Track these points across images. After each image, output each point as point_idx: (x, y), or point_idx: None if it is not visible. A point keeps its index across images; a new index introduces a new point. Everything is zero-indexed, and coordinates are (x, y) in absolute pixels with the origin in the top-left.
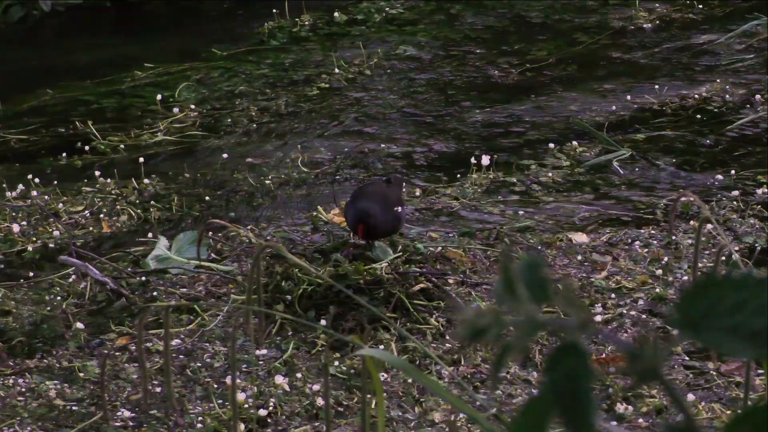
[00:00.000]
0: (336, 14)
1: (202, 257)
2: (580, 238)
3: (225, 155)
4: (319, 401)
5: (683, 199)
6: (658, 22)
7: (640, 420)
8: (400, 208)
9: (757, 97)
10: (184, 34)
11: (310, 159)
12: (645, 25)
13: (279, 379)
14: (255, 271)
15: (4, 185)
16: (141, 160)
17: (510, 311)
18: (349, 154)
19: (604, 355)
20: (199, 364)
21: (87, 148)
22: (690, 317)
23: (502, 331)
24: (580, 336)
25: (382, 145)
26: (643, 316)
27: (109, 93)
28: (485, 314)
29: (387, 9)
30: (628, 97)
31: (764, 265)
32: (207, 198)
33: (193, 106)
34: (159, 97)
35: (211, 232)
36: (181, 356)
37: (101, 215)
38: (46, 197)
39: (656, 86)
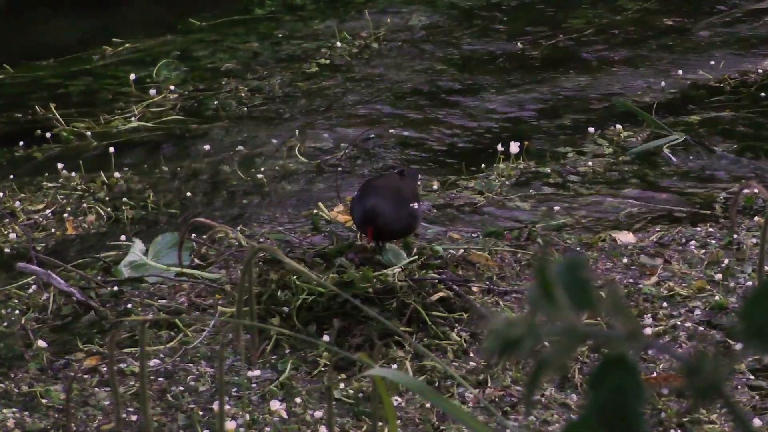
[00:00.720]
0: None
1: (184, 263)
2: (625, 237)
3: (209, 145)
4: (322, 430)
5: (746, 191)
6: None
7: None
8: (415, 204)
9: None
10: (157, 3)
11: (309, 148)
12: None
13: (275, 405)
14: (246, 279)
15: None
16: (112, 150)
17: (546, 320)
18: (355, 141)
19: (655, 375)
20: (182, 388)
21: (48, 136)
22: (756, 328)
23: (537, 343)
24: (629, 349)
25: (393, 131)
26: (701, 329)
27: (75, 73)
28: (517, 324)
29: None
30: (680, 73)
31: None
32: (189, 194)
33: (172, 87)
34: (132, 77)
35: (194, 234)
36: (160, 379)
37: (65, 215)
38: (0, 194)
39: (713, 60)
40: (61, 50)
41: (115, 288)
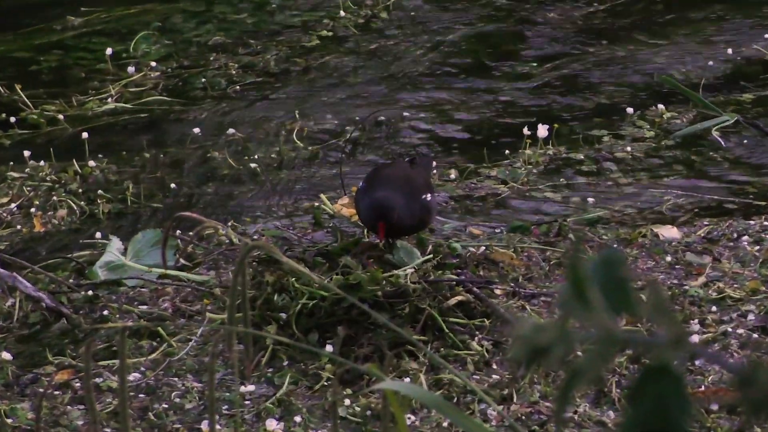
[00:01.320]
0: None
1: (167, 264)
2: (669, 232)
3: (197, 128)
4: None
5: None
6: None
7: None
8: (429, 195)
9: None
10: None
11: (309, 132)
12: None
13: (271, 424)
14: (238, 281)
15: None
16: (85, 135)
17: (579, 326)
18: (362, 124)
19: (703, 388)
20: (166, 406)
21: (14, 120)
22: None
23: (569, 352)
24: (673, 358)
25: (405, 113)
26: (755, 336)
27: (41, 48)
28: (546, 330)
29: None
30: (731, 47)
31: None
32: (173, 185)
33: (153, 64)
34: (109, 51)
35: (179, 231)
36: (141, 395)
37: (33, 209)
38: None
39: None
40: (19, 20)
41: (90, 292)
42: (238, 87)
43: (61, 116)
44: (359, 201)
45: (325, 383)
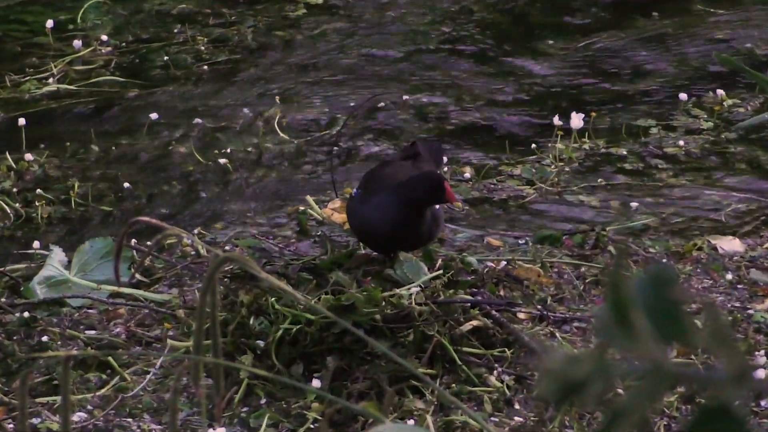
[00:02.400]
0: None
1: (121, 280)
2: (730, 245)
3: (156, 115)
4: None
5: None
6: None
7: None
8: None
9: None
10: None
11: (293, 121)
12: None
13: None
14: (207, 302)
15: None
16: (22, 122)
17: (621, 356)
18: (357, 112)
19: None
20: None
21: None
22: None
23: (609, 387)
24: (734, 396)
25: (409, 97)
26: None
27: None
28: (582, 361)
29: None
30: None
31: None
32: (128, 184)
33: (104, 38)
34: (49, 23)
35: (134, 240)
36: None
37: None
38: None
39: None
40: None
41: (26, 314)
42: (206, 66)
43: None
44: (355, 211)
45: (312, 426)
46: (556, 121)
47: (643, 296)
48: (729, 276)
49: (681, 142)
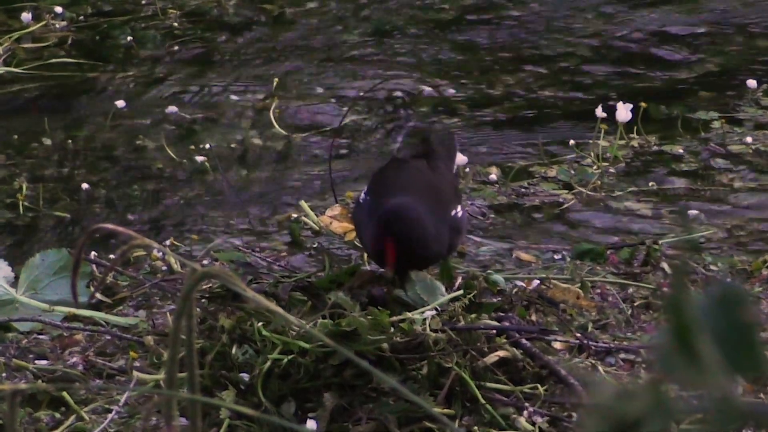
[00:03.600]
0: None
1: (78, 300)
2: None
3: (121, 102)
4: None
5: None
6: None
7: None
8: (459, 209)
9: None
10: None
11: (285, 112)
12: None
13: None
14: (181, 327)
15: None
16: None
17: (683, 390)
18: (362, 100)
19: None
20: None
21: None
22: None
23: (668, 426)
24: None
25: (425, 86)
26: None
27: None
28: (635, 396)
29: None
30: None
31: None
32: (86, 185)
33: (59, 10)
34: None
35: (94, 252)
36: None
37: None
38: None
39: None
40: None
41: None
42: (177, 46)
43: None
44: (363, 223)
45: None
46: (599, 112)
47: (709, 320)
48: None
49: (748, 139)
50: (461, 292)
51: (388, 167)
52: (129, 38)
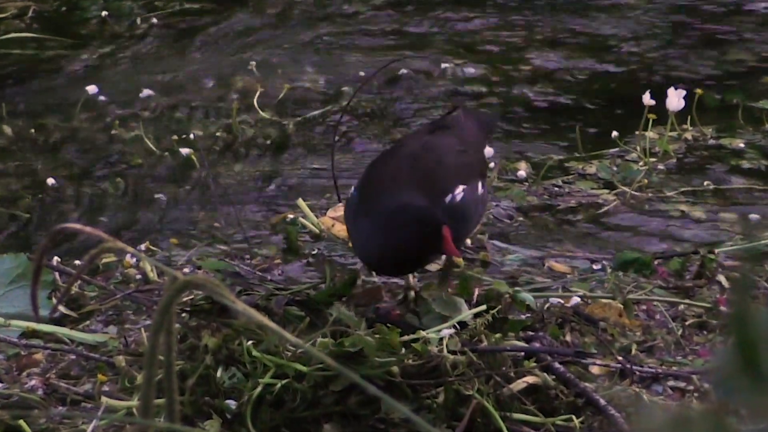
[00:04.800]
0: None
1: (38, 313)
2: None
3: (93, 87)
4: None
5: None
6: None
7: None
8: (459, 189)
9: None
10: None
11: (279, 94)
12: None
13: None
14: (159, 345)
15: None
16: None
17: (750, 416)
18: (368, 83)
19: None
20: None
21: None
22: None
23: None
24: None
25: (445, 65)
26: None
27: None
28: (694, 422)
29: None
30: None
31: None
32: (51, 180)
33: None
34: None
35: (57, 257)
36: None
37: None
38: None
39: None
40: None
41: None
42: (155, 19)
43: None
44: (355, 226)
45: None
46: (647, 100)
47: None
48: None
49: None
50: (484, 307)
51: (383, 154)
52: (103, 13)
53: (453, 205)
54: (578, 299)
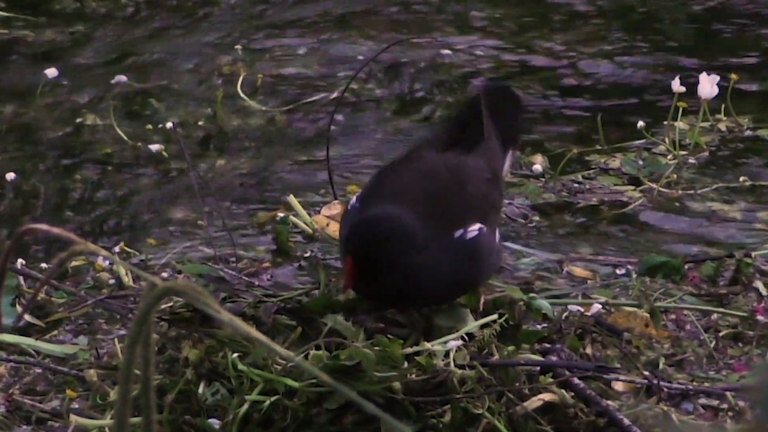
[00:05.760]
0: None
1: (2, 322)
2: None
3: (53, 71)
4: None
5: None
6: None
7: None
8: (476, 227)
9: None
10: None
11: (269, 81)
12: None
13: None
14: (134, 357)
15: None
16: None
17: None
18: (367, 68)
19: None
20: None
21: None
22: None
23: None
24: None
25: (446, 51)
26: None
27: None
28: None
29: None
30: None
31: None
32: (11, 175)
33: None
34: None
35: (22, 260)
36: None
37: None
38: None
39: None
40: None
41: None
42: None
43: None
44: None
45: None
46: (676, 86)
47: None
48: None
49: None
50: (495, 317)
51: (395, 163)
52: None
53: (462, 242)
54: (599, 307)
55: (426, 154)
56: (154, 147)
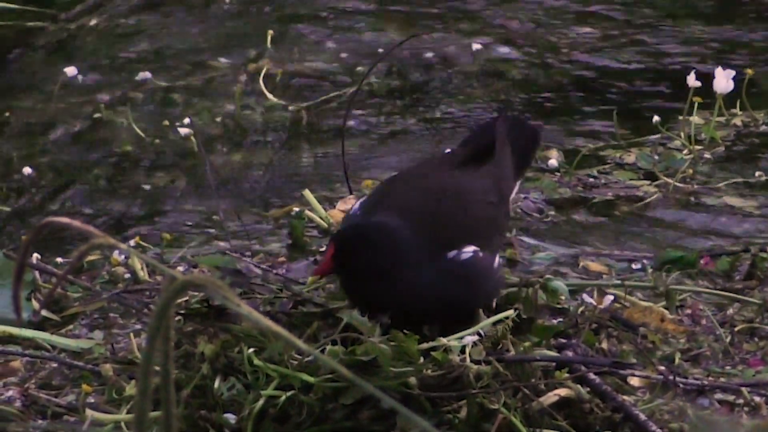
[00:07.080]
0: None
1: (22, 316)
2: None
3: (75, 72)
4: None
5: None
6: None
7: None
8: (470, 249)
9: None
10: None
11: (287, 77)
12: None
13: None
14: (153, 352)
15: None
16: None
17: None
18: (385, 62)
19: None
20: None
21: None
22: None
23: None
24: None
25: (476, 44)
26: None
27: None
28: None
29: None
30: None
31: None
32: (28, 170)
33: None
34: None
35: (38, 255)
36: None
37: None
38: None
39: None
40: None
41: None
42: None
43: None
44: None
45: None
46: (692, 80)
47: None
48: None
49: None
50: (511, 311)
51: (399, 176)
52: None
53: (455, 263)
54: (612, 298)
55: (435, 173)
56: (178, 136)
